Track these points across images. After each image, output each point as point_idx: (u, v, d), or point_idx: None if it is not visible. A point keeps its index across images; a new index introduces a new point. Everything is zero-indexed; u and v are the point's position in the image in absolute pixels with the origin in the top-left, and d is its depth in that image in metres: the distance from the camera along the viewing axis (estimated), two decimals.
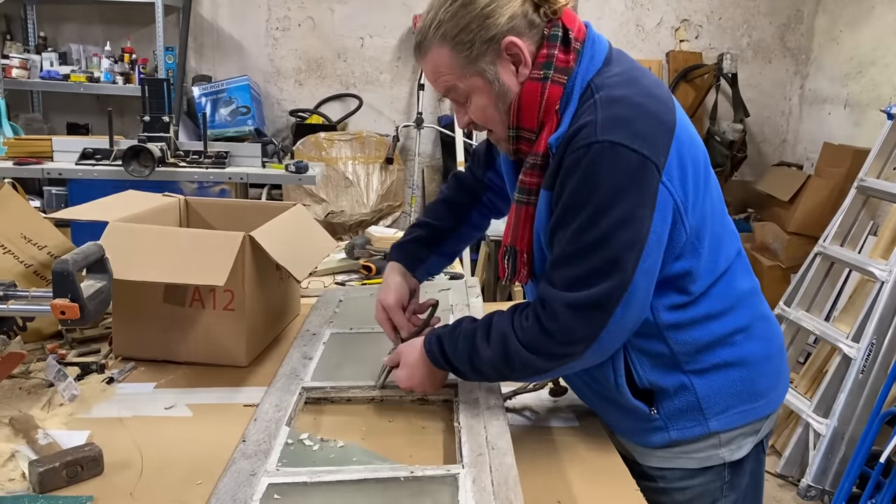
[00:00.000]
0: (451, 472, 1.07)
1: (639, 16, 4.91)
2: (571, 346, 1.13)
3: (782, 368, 1.33)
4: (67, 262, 1.13)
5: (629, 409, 1.23)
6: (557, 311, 1.11)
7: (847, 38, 4.46)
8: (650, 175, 1.07)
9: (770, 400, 1.27)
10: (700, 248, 1.16)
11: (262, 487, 1.02)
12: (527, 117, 1.16)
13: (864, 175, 3.23)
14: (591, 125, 1.08)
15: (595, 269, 1.09)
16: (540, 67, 1.14)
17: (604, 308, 1.09)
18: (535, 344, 1.14)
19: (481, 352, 1.18)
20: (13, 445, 1.16)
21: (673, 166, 1.09)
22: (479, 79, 1.15)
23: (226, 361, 1.47)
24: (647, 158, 1.06)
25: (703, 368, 1.20)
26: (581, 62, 1.15)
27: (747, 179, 4.98)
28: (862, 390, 2.86)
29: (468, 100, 1.19)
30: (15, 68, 4.31)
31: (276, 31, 4.84)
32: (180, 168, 3.40)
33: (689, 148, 1.13)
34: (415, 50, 1.21)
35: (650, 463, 1.26)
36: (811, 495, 2.85)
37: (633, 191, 1.06)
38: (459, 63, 1.15)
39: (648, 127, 1.08)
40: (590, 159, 1.07)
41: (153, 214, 1.67)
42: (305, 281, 2.03)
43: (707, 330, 1.20)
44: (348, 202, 4.56)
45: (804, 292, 3.31)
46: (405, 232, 1.51)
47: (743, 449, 1.26)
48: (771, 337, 1.29)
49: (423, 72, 1.22)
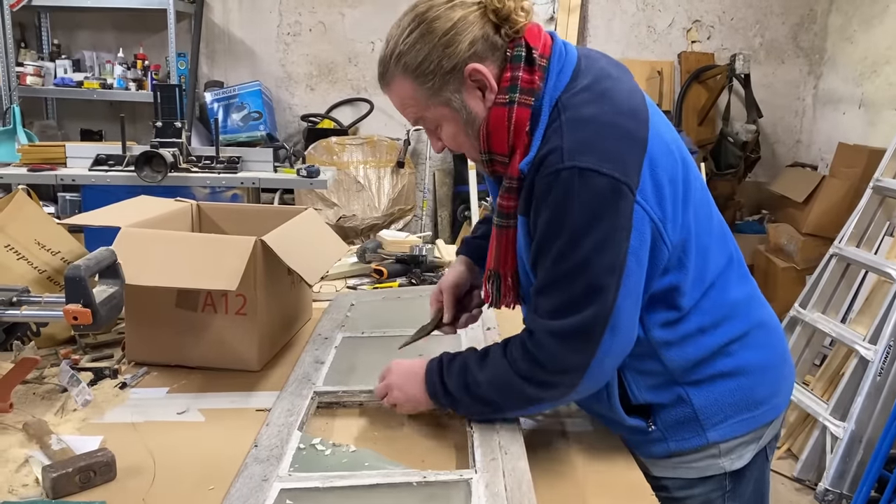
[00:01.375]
0: (464, 477, 1.06)
1: (650, 17, 4.89)
2: (563, 376, 1.11)
3: (784, 374, 1.29)
4: (79, 268, 1.13)
5: (627, 425, 1.21)
6: (543, 340, 1.10)
7: (861, 38, 4.42)
8: (623, 197, 1.04)
9: (771, 406, 1.24)
10: (686, 262, 1.13)
11: (275, 493, 1.02)
12: (496, 142, 1.13)
13: (879, 175, 3.20)
14: (557, 151, 1.05)
15: (576, 296, 1.07)
16: (505, 91, 1.11)
17: (589, 335, 1.07)
18: (526, 373, 1.12)
19: (477, 377, 1.16)
20: (27, 451, 1.16)
21: (647, 184, 1.06)
22: (446, 108, 1.13)
23: (238, 366, 1.47)
24: (617, 181, 1.03)
25: (699, 380, 1.18)
26: (548, 80, 1.12)
27: (761, 180, 4.94)
28: (879, 393, 2.82)
29: (438, 127, 1.18)
30: (29, 76, 4.36)
31: (287, 36, 4.85)
32: (192, 173, 3.41)
33: (664, 163, 1.09)
34: (379, 80, 1.18)
35: (653, 472, 1.24)
36: (829, 499, 2.82)
37: (606, 215, 1.04)
38: (424, 94, 1.13)
39: (617, 147, 1.05)
40: (560, 187, 1.04)
41: (165, 220, 1.67)
42: (317, 285, 2.03)
43: (700, 344, 1.17)
44: (360, 206, 4.57)
45: (820, 294, 3.28)
46: (473, 228, 1.53)
47: (744, 458, 1.23)
48: (769, 343, 1.26)
49: (392, 103, 1.19)
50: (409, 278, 2.16)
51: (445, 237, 4.75)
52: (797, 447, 3.17)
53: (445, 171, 4.94)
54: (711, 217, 1.21)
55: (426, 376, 1.22)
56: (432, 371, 1.21)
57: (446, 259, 2.32)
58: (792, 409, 3.26)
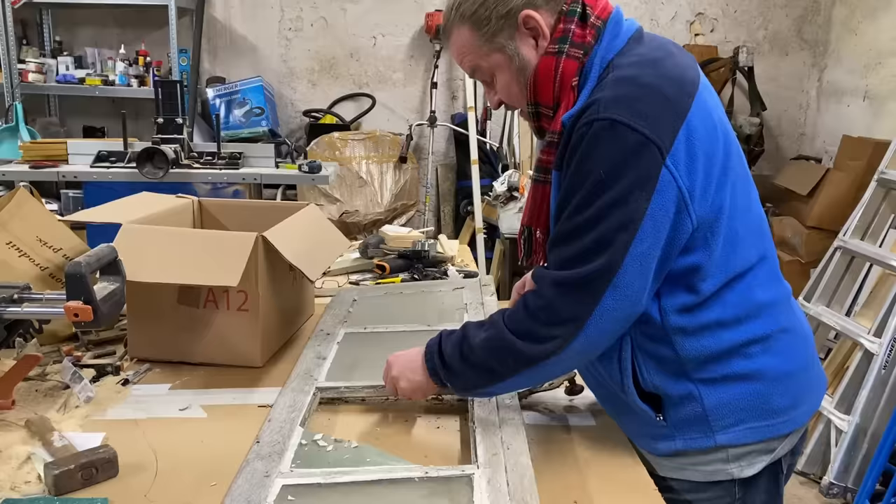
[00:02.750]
0: (466, 473, 1.06)
1: (653, 10, 4.87)
2: (555, 328, 1.08)
3: (809, 386, 1.23)
4: (80, 265, 1.13)
5: (637, 412, 1.18)
6: (544, 289, 1.10)
7: (866, 29, 4.39)
8: (650, 156, 1.03)
9: (789, 419, 1.18)
10: (712, 243, 1.10)
11: (277, 488, 1.02)
12: (542, 92, 1.15)
13: (884, 168, 3.18)
14: (596, 103, 1.06)
15: (585, 248, 1.06)
16: (555, 42, 1.14)
17: (590, 289, 1.06)
18: (519, 326, 1.11)
19: (472, 341, 1.15)
20: (29, 447, 1.16)
21: (680, 151, 1.05)
22: (500, 55, 1.16)
23: (240, 362, 1.47)
24: (647, 139, 1.03)
25: (711, 378, 1.14)
26: (602, 41, 1.13)
27: (765, 174, 4.92)
28: (884, 386, 2.81)
29: (494, 78, 1.20)
30: (31, 73, 4.35)
31: (288, 31, 4.84)
32: (194, 170, 3.41)
33: (703, 136, 1.08)
34: (441, 35, 1.24)
35: (660, 472, 1.22)
36: (833, 493, 2.81)
37: (629, 170, 1.03)
38: (479, 41, 1.16)
39: (654, 109, 1.05)
40: (590, 138, 1.05)
41: (167, 216, 1.67)
42: (319, 281, 2.03)
43: (717, 338, 1.13)
44: (362, 201, 4.56)
45: (824, 287, 3.27)
46: None
47: (755, 466, 1.18)
48: (794, 352, 1.20)
49: (452, 55, 1.23)
50: (411, 274, 2.16)
51: (448, 232, 4.75)
52: None
53: (448, 167, 4.93)
54: (750, 209, 1.18)
55: (425, 355, 1.21)
56: (431, 349, 1.21)
57: (449, 254, 2.32)
58: None
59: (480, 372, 1.16)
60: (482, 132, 4.69)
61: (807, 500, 2.90)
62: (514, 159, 4.67)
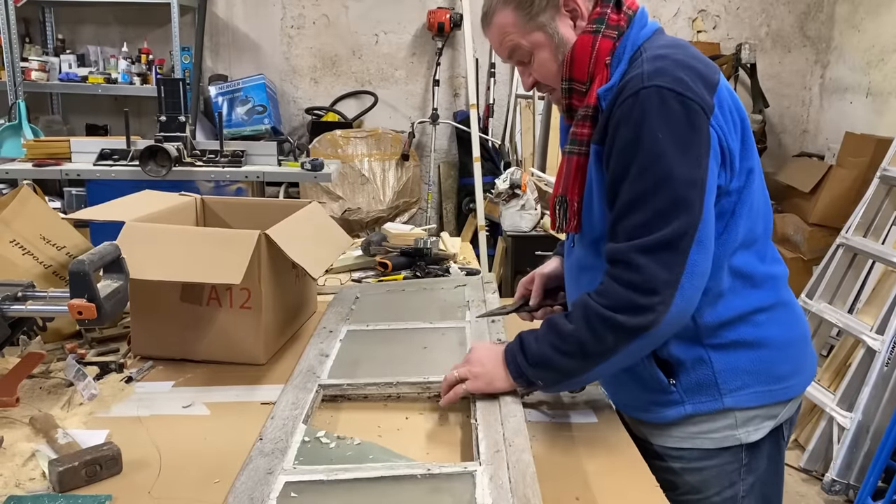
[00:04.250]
0: (469, 470, 1.06)
1: (655, 6, 4.86)
2: (654, 296, 1.10)
3: (806, 357, 1.32)
4: (83, 263, 1.13)
5: (648, 380, 1.23)
6: (631, 259, 1.11)
7: (868, 26, 4.38)
8: (698, 115, 1.10)
9: (790, 386, 1.27)
10: (737, 213, 1.18)
11: (279, 485, 1.02)
12: (578, 68, 1.22)
13: (886, 165, 3.18)
14: (638, 76, 1.13)
15: (659, 211, 1.10)
16: (593, 22, 1.23)
17: (676, 248, 1.09)
18: (617, 300, 1.12)
19: (562, 329, 1.17)
20: (33, 445, 1.17)
21: (718, 115, 1.13)
22: (541, 34, 1.24)
23: (243, 359, 1.47)
24: (694, 101, 1.10)
25: (721, 344, 1.21)
26: (632, 27, 1.23)
27: (767, 171, 4.83)
28: (887, 383, 2.81)
29: (531, 58, 1.27)
30: (34, 71, 4.36)
31: (290, 29, 4.85)
32: (197, 167, 3.42)
33: (731, 111, 1.16)
34: (482, 22, 1.30)
35: (667, 443, 1.27)
36: (836, 490, 2.81)
37: (685, 130, 1.10)
38: (522, 20, 1.24)
39: (691, 78, 1.12)
40: (639, 106, 1.11)
41: (170, 214, 1.68)
42: (322, 278, 2.03)
43: (729, 305, 1.20)
44: (365, 199, 4.57)
45: (826, 284, 3.27)
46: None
47: (760, 431, 1.25)
48: (794, 324, 1.30)
49: (490, 40, 1.30)
50: (413, 271, 2.16)
51: (450, 230, 4.75)
52: (804, 438, 3.16)
53: (450, 164, 4.93)
54: (764, 188, 1.26)
55: (505, 357, 1.24)
56: (511, 349, 1.24)
57: (451, 251, 2.32)
58: None
59: (575, 358, 1.17)
60: (484, 129, 4.69)
61: (809, 496, 2.90)
62: (516, 156, 4.67)
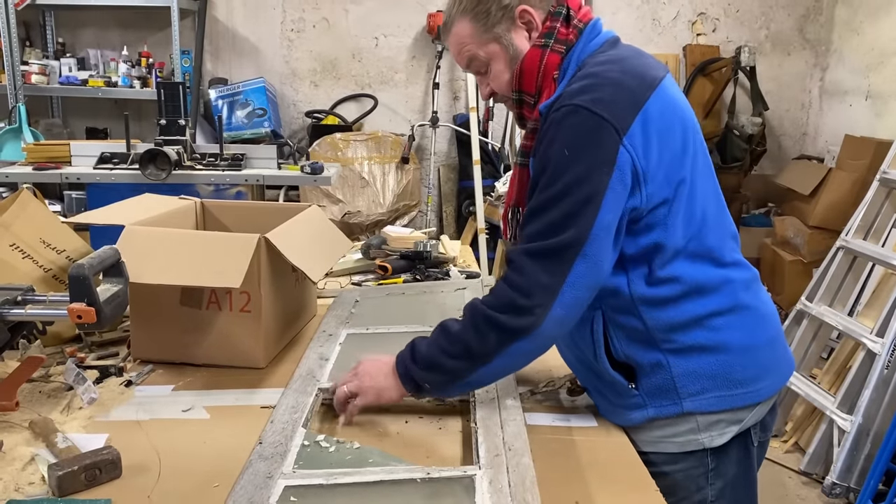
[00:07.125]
0: (468, 474, 1.07)
1: (655, 9, 4.87)
2: (532, 298, 1.14)
3: (774, 362, 1.31)
4: (83, 267, 1.13)
5: (610, 382, 1.25)
6: (517, 261, 1.17)
7: (868, 29, 4.39)
8: (608, 136, 1.12)
9: (752, 391, 1.26)
10: (670, 222, 1.18)
11: (279, 489, 1.02)
12: (527, 81, 1.25)
13: (886, 167, 3.18)
14: (567, 94, 1.17)
15: (553, 222, 1.14)
16: (542, 36, 1.25)
17: (561, 258, 1.13)
18: (499, 300, 1.17)
19: (450, 330, 1.22)
20: (33, 449, 1.17)
21: (637, 135, 1.14)
22: (496, 45, 1.26)
23: (243, 363, 1.47)
24: (605, 120, 1.12)
25: (678, 348, 1.22)
26: (580, 41, 1.25)
27: (767, 173, 4.92)
28: (887, 386, 2.81)
29: (488, 69, 1.29)
30: (35, 74, 4.37)
31: (290, 32, 4.85)
32: (197, 171, 3.42)
33: (659, 125, 1.16)
34: (442, 31, 1.32)
35: (641, 448, 1.27)
36: (836, 493, 2.81)
37: (590, 149, 1.13)
38: (478, 31, 1.26)
39: (613, 97, 1.15)
40: (556, 123, 1.16)
41: (169, 217, 1.68)
42: (321, 282, 2.03)
43: (681, 310, 1.21)
44: (364, 202, 4.57)
45: (826, 287, 3.26)
46: None
47: (725, 436, 1.26)
48: (756, 329, 1.28)
49: (450, 50, 1.32)
50: (413, 274, 2.16)
51: (450, 233, 4.75)
52: (804, 441, 3.16)
53: (450, 167, 4.93)
54: (709, 199, 1.26)
55: (396, 360, 1.26)
56: (402, 354, 1.26)
57: (451, 255, 2.32)
58: (799, 403, 3.25)
59: (461, 359, 1.20)
60: (484, 133, 4.69)
61: (809, 500, 2.90)
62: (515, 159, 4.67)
